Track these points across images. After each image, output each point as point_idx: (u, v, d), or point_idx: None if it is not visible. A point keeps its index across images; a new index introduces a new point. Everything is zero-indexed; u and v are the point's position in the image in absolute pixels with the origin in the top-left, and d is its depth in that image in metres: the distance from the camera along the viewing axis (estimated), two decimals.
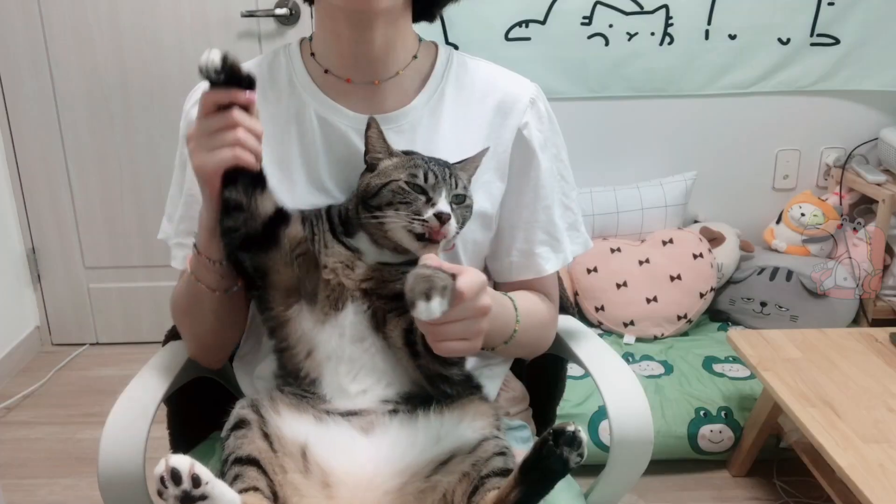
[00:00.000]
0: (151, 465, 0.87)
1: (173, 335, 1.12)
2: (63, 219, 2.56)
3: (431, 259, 0.76)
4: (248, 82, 0.80)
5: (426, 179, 0.84)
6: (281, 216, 0.87)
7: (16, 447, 2.12)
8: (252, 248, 0.86)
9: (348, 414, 0.85)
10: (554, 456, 0.72)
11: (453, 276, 0.74)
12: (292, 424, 0.83)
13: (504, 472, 0.79)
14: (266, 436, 0.82)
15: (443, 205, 0.83)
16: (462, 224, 0.87)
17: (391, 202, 0.84)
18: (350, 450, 0.81)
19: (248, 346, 1.04)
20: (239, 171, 0.82)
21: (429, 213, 0.82)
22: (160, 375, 1.01)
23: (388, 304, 0.86)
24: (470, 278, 0.75)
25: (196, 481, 0.69)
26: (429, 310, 0.71)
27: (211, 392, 1.09)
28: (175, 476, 0.68)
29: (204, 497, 0.69)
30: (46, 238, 2.60)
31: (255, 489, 0.76)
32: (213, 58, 0.77)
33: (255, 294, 0.92)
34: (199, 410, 1.07)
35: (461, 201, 0.87)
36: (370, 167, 0.89)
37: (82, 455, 2.08)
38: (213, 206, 0.85)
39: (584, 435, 0.72)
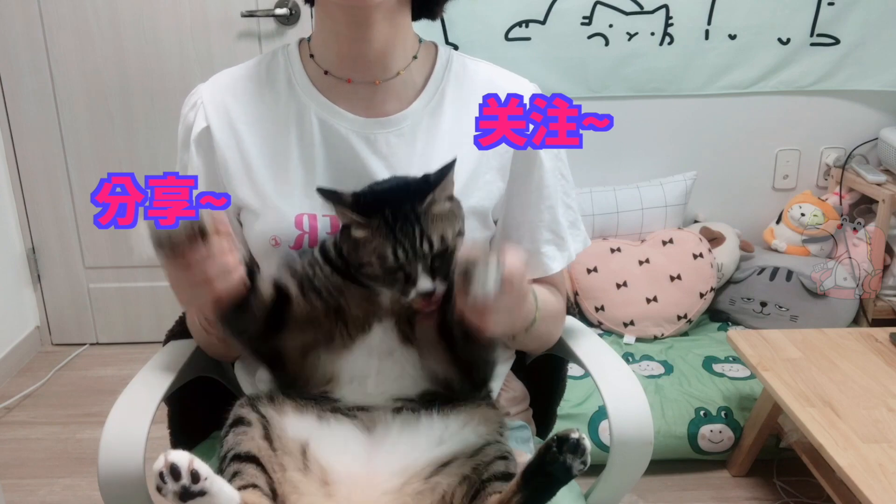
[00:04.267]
0: (152, 465, 0.88)
1: (173, 335, 1.12)
2: (63, 219, 2.56)
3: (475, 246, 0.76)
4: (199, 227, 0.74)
5: (397, 258, 0.78)
6: (281, 296, 0.84)
7: (16, 447, 2.12)
8: (262, 341, 0.86)
9: (354, 409, 0.85)
10: (557, 463, 0.71)
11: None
12: (294, 423, 0.83)
13: (505, 477, 0.78)
14: (266, 434, 0.82)
15: (423, 283, 0.78)
16: (448, 264, 0.81)
17: (374, 279, 0.81)
18: (350, 448, 0.81)
19: None
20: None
21: (412, 295, 0.79)
22: (160, 375, 1.00)
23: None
24: (515, 261, 0.75)
25: (195, 477, 0.69)
26: (485, 288, 0.71)
27: (211, 392, 1.09)
28: (174, 471, 0.68)
29: (203, 493, 0.69)
30: (46, 238, 2.59)
31: (254, 486, 0.76)
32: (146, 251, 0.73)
33: (269, 365, 0.91)
34: (199, 410, 1.07)
35: (443, 252, 0.80)
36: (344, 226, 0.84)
37: (82, 455, 2.08)
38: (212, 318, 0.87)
39: (587, 442, 0.72)
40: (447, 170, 0.81)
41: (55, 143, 2.48)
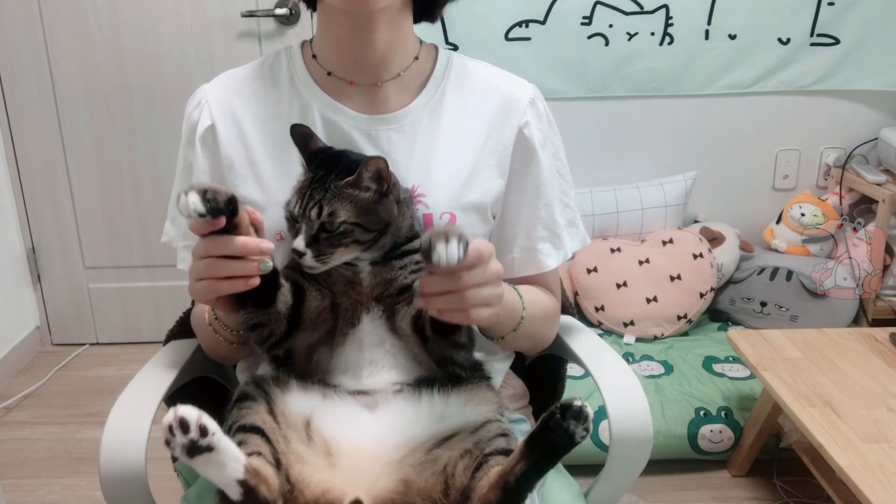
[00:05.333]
0: (152, 465, 0.88)
1: (173, 335, 1.12)
2: (63, 219, 2.57)
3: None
4: (230, 206, 0.77)
5: (292, 210, 0.84)
6: (298, 295, 0.86)
7: (16, 447, 2.12)
8: (283, 343, 0.87)
9: (356, 392, 0.86)
10: (560, 429, 0.73)
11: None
12: (297, 400, 0.84)
13: (507, 452, 0.80)
14: (270, 409, 0.83)
15: (297, 241, 0.82)
16: (336, 248, 0.83)
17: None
18: (353, 423, 0.83)
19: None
20: (245, 294, 0.81)
21: (291, 247, 0.83)
22: (161, 375, 1.01)
23: (396, 297, 0.87)
24: (483, 242, 0.78)
25: (203, 431, 0.69)
26: (448, 251, 0.72)
27: (211, 392, 1.10)
28: (183, 425, 0.69)
29: (210, 448, 0.70)
30: (46, 238, 2.60)
31: (259, 454, 0.77)
32: (194, 202, 0.73)
33: (275, 362, 0.92)
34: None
35: (331, 229, 0.82)
36: None
37: (82, 455, 2.08)
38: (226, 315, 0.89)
39: (590, 410, 0.73)
40: (376, 163, 0.82)
41: (55, 143, 2.49)
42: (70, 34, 2.38)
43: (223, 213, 0.76)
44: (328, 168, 0.85)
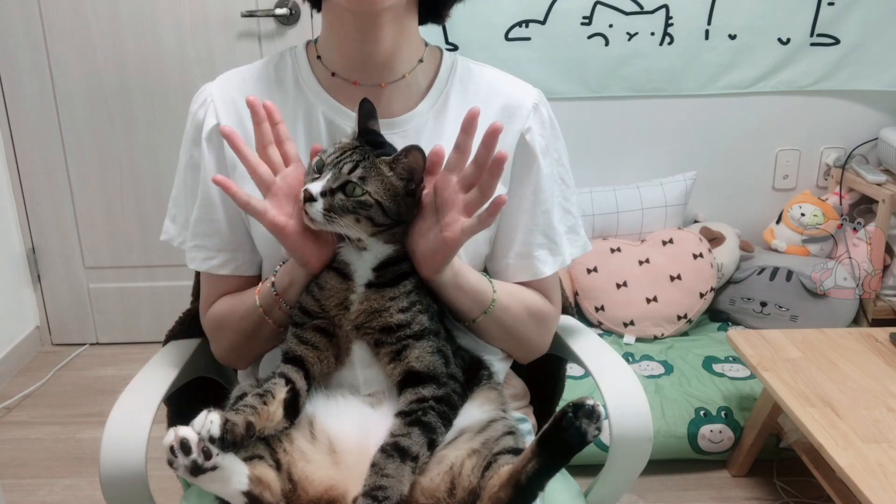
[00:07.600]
0: (152, 465, 0.88)
1: (173, 335, 1.12)
2: (63, 219, 2.57)
3: None
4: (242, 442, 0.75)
5: (327, 159, 0.83)
6: (307, 376, 0.85)
7: (16, 447, 2.12)
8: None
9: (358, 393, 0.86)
10: (573, 428, 0.73)
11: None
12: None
13: (515, 451, 0.80)
14: None
15: (314, 185, 0.81)
16: (348, 214, 0.82)
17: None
18: (357, 420, 0.83)
19: None
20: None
21: (304, 188, 0.82)
22: (161, 375, 1.01)
23: (379, 336, 0.85)
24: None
25: (207, 454, 0.70)
26: None
27: (211, 392, 1.10)
28: (185, 447, 0.70)
29: (214, 467, 0.71)
30: (46, 238, 2.60)
31: (260, 457, 0.78)
32: (212, 429, 0.71)
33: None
34: (199, 410, 1.06)
35: (350, 191, 0.81)
36: None
37: (82, 455, 2.08)
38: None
39: (602, 410, 0.74)
40: (414, 154, 0.83)
41: (55, 144, 2.49)
42: (70, 34, 2.38)
43: (235, 447, 0.74)
44: (371, 139, 0.86)
